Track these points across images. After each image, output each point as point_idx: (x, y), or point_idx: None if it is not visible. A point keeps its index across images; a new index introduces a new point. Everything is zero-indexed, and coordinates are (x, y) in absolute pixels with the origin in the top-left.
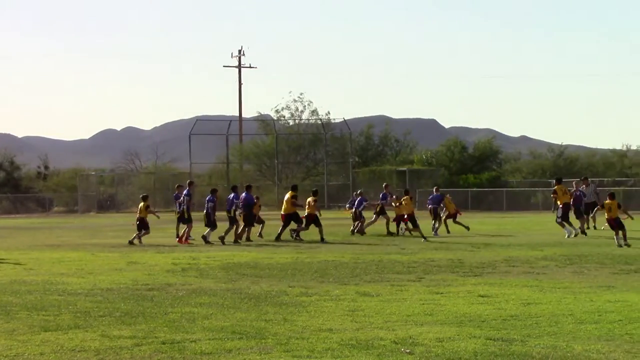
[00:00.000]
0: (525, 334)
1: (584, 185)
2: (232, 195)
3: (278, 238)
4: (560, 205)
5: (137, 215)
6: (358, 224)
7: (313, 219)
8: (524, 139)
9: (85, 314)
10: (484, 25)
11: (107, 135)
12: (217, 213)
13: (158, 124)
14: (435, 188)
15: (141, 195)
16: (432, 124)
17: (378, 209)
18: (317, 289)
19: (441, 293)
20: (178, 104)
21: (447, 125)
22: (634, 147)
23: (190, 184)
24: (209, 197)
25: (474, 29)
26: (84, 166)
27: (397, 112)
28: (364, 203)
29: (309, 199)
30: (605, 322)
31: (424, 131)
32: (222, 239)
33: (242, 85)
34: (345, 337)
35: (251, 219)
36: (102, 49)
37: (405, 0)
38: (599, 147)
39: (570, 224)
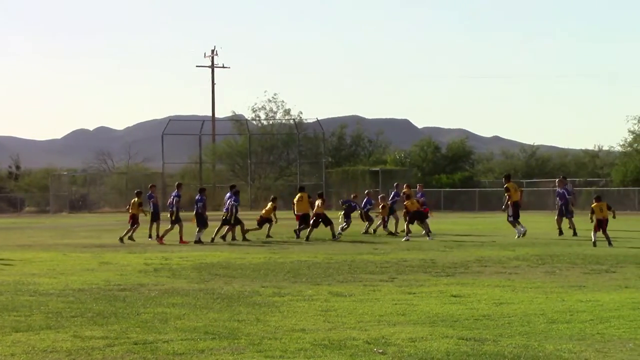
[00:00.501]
0: (497, 334)
1: (566, 184)
2: (227, 195)
3: (307, 238)
4: (511, 204)
5: (130, 212)
6: (368, 225)
7: (322, 217)
8: (496, 139)
9: (57, 315)
10: (457, 26)
11: (79, 135)
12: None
13: (131, 124)
14: (418, 186)
15: (135, 191)
16: (405, 124)
17: (385, 209)
18: (290, 289)
19: (414, 293)
20: (151, 104)
21: (420, 126)
22: (605, 148)
23: (179, 185)
24: (198, 197)
25: (446, 29)
26: (56, 166)
27: (370, 112)
28: (370, 204)
29: (318, 201)
30: (576, 321)
31: (397, 131)
32: (223, 237)
33: (215, 85)
34: (318, 337)
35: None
36: (75, 49)
37: (378, 0)
38: (570, 147)
39: (519, 223)
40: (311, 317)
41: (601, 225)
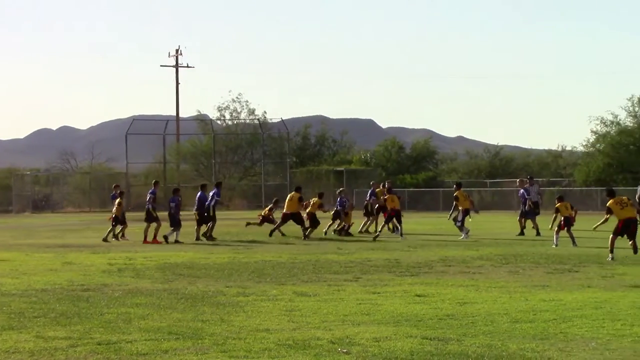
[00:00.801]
0: (461, 333)
1: (527, 184)
2: (213, 191)
3: (271, 234)
4: (461, 209)
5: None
6: (342, 224)
7: (311, 217)
8: (460, 139)
9: (20, 315)
10: (420, 26)
11: (42, 135)
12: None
13: (94, 124)
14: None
15: (118, 192)
16: (369, 124)
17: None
18: (254, 289)
19: (378, 293)
20: (115, 104)
21: (384, 126)
22: (568, 148)
23: (156, 183)
24: (171, 197)
25: (410, 29)
26: (19, 166)
27: (335, 112)
28: (346, 203)
29: (314, 199)
30: (539, 321)
31: (361, 131)
32: (209, 237)
33: (180, 85)
34: (282, 337)
35: (206, 217)
36: (39, 47)
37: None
38: (534, 147)
39: (464, 228)
40: (275, 317)
41: (568, 223)
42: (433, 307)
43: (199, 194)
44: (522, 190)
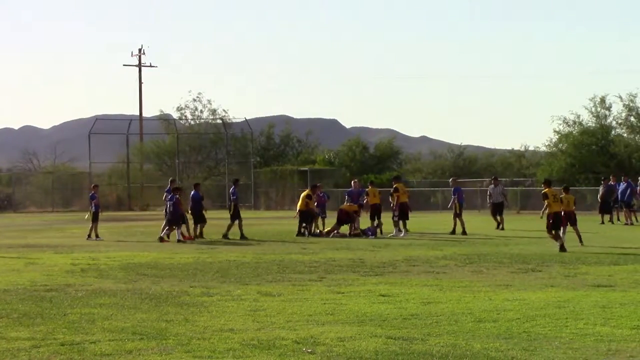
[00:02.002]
0: (425, 333)
1: (492, 185)
2: (232, 188)
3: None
4: (397, 204)
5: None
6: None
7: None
8: (424, 139)
9: None
10: (383, 25)
11: (4, 134)
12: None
13: (57, 123)
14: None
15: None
16: (333, 124)
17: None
18: (219, 289)
19: (342, 292)
20: (77, 103)
21: (348, 126)
22: (531, 148)
23: (95, 187)
24: (170, 195)
25: (372, 29)
26: None
27: (299, 111)
28: (325, 198)
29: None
30: (503, 320)
31: (325, 131)
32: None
33: (143, 84)
34: (246, 337)
35: (201, 216)
36: (1, 44)
37: None
38: (497, 147)
39: (404, 226)
40: (240, 317)
41: (570, 220)
42: (397, 306)
43: (192, 192)
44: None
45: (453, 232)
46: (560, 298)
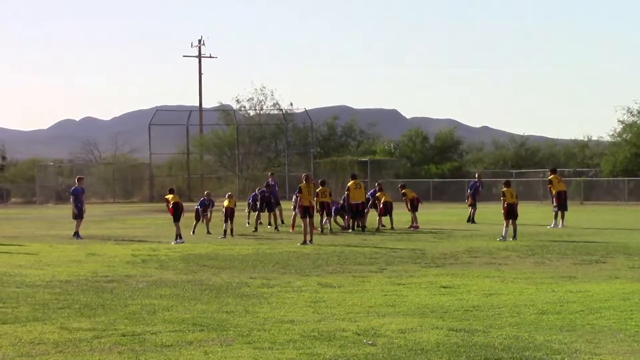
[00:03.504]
0: (487, 325)
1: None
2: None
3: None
4: (554, 195)
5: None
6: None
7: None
8: (485, 129)
9: (44, 306)
10: (444, 15)
11: (65, 126)
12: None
13: (117, 114)
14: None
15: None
16: (393, 115)
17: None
18: (279, 280)
19: (403, 284)
20: (138, 94)
21: (408, 116)
22: (594, 138)
23: (80, 179)
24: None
25: (434, 18)
26: (42, 157)
27: (359, 102)
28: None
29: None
30: (566, 312)
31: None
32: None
33: (202, 75)
34: (307, 329)
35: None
36: (63, 37)
37: None
38: (560, 137)
39: (562, 217)
40: (300, 308)
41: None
42: (459, 298)
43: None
44: (478, 183)
45: (468, 220)
46: (625, 290)
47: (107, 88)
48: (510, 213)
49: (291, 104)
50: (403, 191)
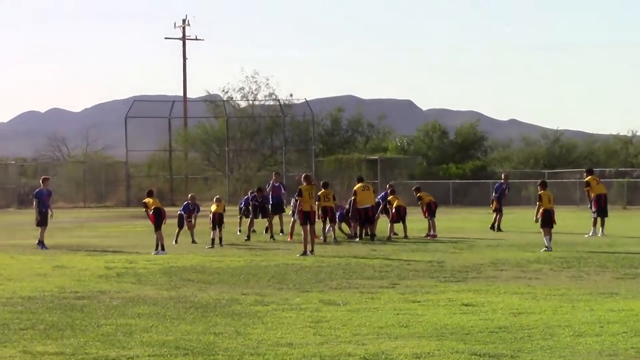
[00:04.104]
0: (515, 349)
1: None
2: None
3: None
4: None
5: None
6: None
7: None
8: (513, 123)
9: (4, 327)
10: None
11: (28, 118)
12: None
13: (88, 105)
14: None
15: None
16: (407, 106)
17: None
18: (275, 296)
19: (418, 301)
20: (112, 82)
21: (424, 107)
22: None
23: (45, 180)
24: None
25: None
26: (2, 154)
27: (367, 91)
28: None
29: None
30: (607, 334)
31: (398, 114)
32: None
33: (187, 60)
34: (307, 353)
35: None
36: (24, 15)
37: None
38: (599, 132)
39: (602, 225)
40: (299, 329)
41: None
42: (483, 318)
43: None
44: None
45: (492, 227)
46: None
47: (76, 75)
48: (546, 221)
49: (290, 95)
50: (418, 195)
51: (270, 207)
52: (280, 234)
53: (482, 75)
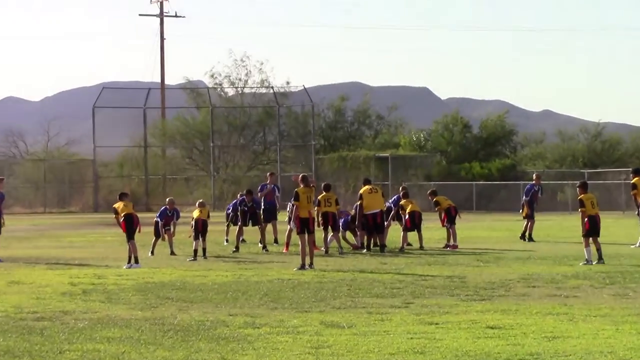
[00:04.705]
0: None
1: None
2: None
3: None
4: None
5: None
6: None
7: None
8: (547, 114)
9: None
10: None
11: None
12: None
13: (50, 94)
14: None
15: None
16: (423, 94)
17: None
18: (268, 318)
19: (436, 323)
20: (77, 66)
21: (443, 96)
22: None
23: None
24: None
25: None
26: None
27: (376, 77)
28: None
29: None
30: None
31: (412, 104)
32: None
33: (165, 41)
34: None
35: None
36: None
37: None
38: None
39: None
40: (297, 356)
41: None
42: (512, 342)
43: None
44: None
45: (522, 236)
46: None
47: (35, 58)
48: (593, 229)
49: (287, 82)
50: (434, 199)
51: (262, 213)
52: (275, 244)
53: (510, 59)
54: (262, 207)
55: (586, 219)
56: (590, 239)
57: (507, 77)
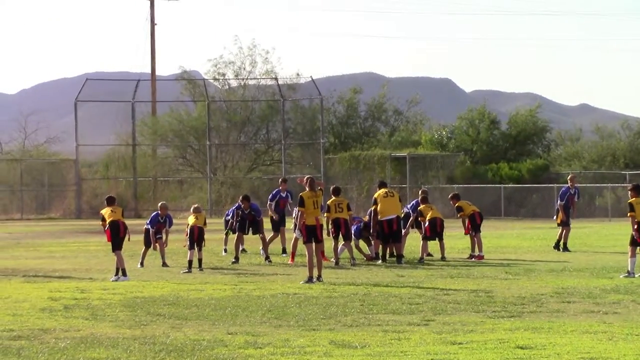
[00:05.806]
0: None
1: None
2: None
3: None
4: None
5: None
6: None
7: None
8: (584, 109)
9: None
10: None
11: None
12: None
13: (27, 86)
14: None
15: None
16: (446, 87)
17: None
18: (271, 336)
19: (460, 343)
20: (57, 56)
21: (468, 89)
22: None
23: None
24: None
25: None
26: None
27: (393, 68)
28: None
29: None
30: None
31: (434, 97)
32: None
33: (156, 27)
34: None
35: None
36: None
37: None
38: None
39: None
40: None
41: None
42: None
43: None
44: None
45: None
46: None
47: (11, 47)
48: None
49: (297, 74)
50: (457, 205)
51: (271, 221)
52: (283, 255)
53: (542, 49)
54: (261, 214)
55: (636, 226)
56: (638, 248)
57: (540, 68)
